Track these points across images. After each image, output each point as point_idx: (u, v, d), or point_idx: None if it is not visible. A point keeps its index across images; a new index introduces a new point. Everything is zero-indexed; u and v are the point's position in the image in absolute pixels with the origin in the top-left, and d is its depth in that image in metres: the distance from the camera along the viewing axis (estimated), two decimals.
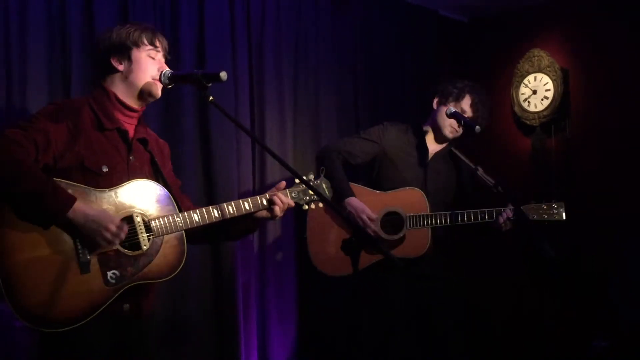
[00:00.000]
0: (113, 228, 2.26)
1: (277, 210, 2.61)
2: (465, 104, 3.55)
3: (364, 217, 3.43)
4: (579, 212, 4.52)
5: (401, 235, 3.47)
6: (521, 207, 3.42)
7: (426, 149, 3.61)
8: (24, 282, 2.18)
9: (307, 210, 2.77)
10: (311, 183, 2.69)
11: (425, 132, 3.64)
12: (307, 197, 2.72)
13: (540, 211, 3.47)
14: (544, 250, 4.37)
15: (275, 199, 2.60)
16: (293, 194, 2.68)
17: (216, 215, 2.52)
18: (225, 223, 2.58)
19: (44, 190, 2.19)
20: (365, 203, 3.48)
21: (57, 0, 3.23)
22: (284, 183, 2.68)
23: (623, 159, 4.56)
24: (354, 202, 3.48)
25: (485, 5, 5.07)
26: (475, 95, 3.57)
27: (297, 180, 2.67)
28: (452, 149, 3.64)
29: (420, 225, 3.45)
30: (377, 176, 3.63)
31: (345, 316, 3.96)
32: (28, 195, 2.18)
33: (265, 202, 2.61)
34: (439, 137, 3.63)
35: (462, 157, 3.58)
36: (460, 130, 3.54)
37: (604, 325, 4.45)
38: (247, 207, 2.58)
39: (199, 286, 3.61)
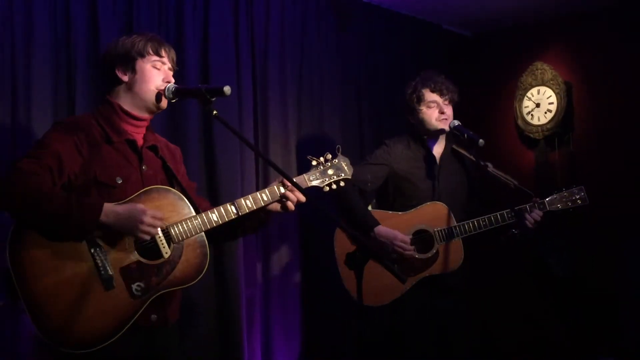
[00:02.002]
0: (148, 219, 2.26)
1: (290, 205, 2.59)
2: (430, 96, 3.50)
3: (399, 242, 3.34)
4: (584, 226, 4.54)
5: (434, 251, 3.40)
6: (545, 201, 3.43)
7: (432, 156, 3.58)
8: (49, 308, 2.18)
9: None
10: (329, 163, 2.68)
11: (425, 139, 3.60)
12: (327, 179, 2.68)
13: (564, 199, 3.45)
14: (551, 266, 4.40)
15: (289, 194, 2.57)
16: (312, 177, 2.66)
17: (234, 211, 2.50)
18: (239, 218, 2.55)
19: (69, 206, 2.20)
20: (391, 226, 3.40)
21: (62, 18, 3.25)
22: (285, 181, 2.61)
23: (628, 172, 4.56)
24: (383, 231, 3.38)
25: (488, 19, 5.10)
26: (428, 82, 3.52)
27: (313, 163, 2.67)
28: (454, 146, 3.60)
29: (450, 238, 3.40)
30: (394, 197, 3.56)
31: (352, 331, 3.95)
32: (56, 215, 2.19)
33: (283, 191, 2.57)
34: (435, 134, 3.57)
35: (467, 154, 3.55)
36: (446, 116, 3.49)
37: (610, 342, 4.44)
38: (265, 198, 2.55)
39: (202, 301, 3.60)
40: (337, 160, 2.71)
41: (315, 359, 4.08)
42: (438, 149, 3.61)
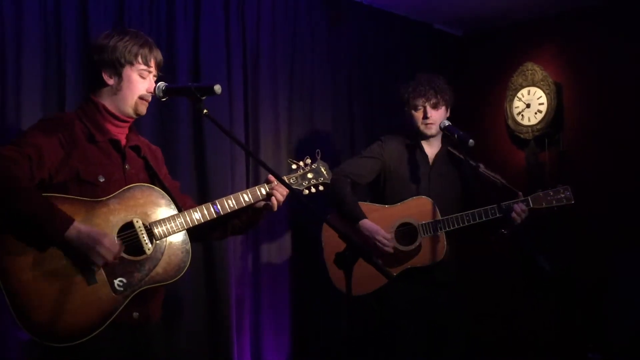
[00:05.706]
0: (106, 246, 2.25)
1: (275, 203, 2.64)
2: (415, 100, 3.54)
3: (380, 238, 3.42)
4: (573, 224, 4.56)
5: (417, 244, 3.47)
6: (529, 197, 3.46)
7: (425, 154, 3.62)
8: (31, 300, 2.19)
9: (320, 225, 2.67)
10: (308, 167, 2.75)
11: (419, 138, 3.63)
12: (306, 182, 2.74)
13: (549, 198, 3.48)
14: (540, 264, 4.41)
15: (275, 192, 2.63)
16: (292, 180, 2.72)
17: (216, 211, 2.55)
18: (227, 217, 2.60)
19: (40, 210, 2.19)
20: (377, 219, 3.47)
21: (52, 14, 3.23)
22: (272, 178, 2.66)
23: (617, 172, 4.58)
24: (367, 224, 3.46)
25: (479, 19, 5.11)
26: (415, 85, 3.55)
27: (293, 166, 2.74)
28: (449, 148, 3.63)
29: (433, 231, 3.45)
30: (384, 191, 3.63)
31: (343, 328, 3.96)
32: (25, 217, 2.19)
33: (264, 192, 2.64)
34: (423, 136, 3.61)
35: (461, 156, 3.56)
36: (431, 121, 3.52)
37: (598, 338, 4.46)
38: (247, 199, 2.61)
39: (192, 298, 3.60)
40: (316, 165, 2.78)
41: (304, 357, 4.08)
42: (433, 150, 3.65)
